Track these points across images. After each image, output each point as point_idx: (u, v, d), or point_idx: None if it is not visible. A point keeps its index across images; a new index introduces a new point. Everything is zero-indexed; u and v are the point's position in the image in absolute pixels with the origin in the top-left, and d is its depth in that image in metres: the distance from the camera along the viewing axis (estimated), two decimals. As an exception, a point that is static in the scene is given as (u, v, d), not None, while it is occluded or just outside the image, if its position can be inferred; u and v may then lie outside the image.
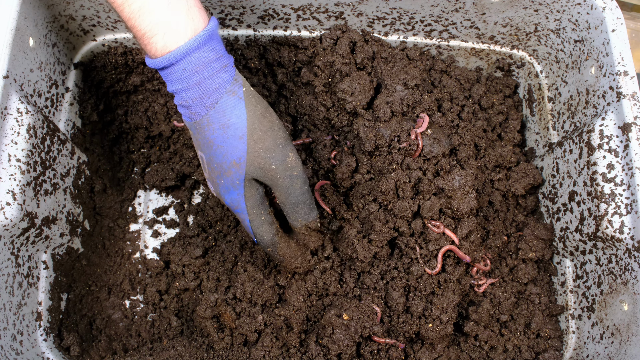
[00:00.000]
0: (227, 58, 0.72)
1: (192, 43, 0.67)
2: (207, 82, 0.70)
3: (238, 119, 0.72)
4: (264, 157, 0.74)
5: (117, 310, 0.98)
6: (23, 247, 0.82)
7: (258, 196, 0.79)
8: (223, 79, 0.71)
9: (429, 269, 0.87)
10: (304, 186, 0.78)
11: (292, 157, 0.76)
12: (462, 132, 0.99)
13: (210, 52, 0.69)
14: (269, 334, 0.87)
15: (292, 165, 0.76)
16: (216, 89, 0.71)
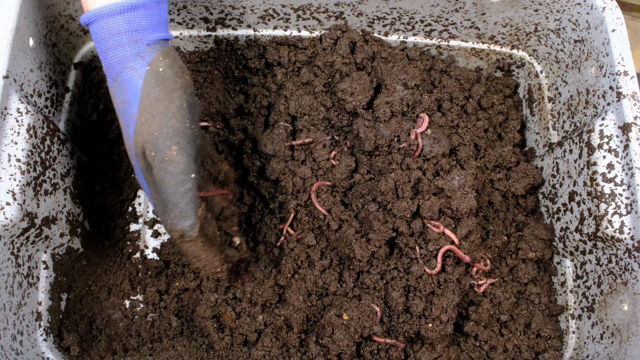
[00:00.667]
0: (144, 33, 0.70)
1: (105, 9, 0.67)
2: (110, 52, 0.69)
3: (132, 97, 0.70)
4: (147, 141, 0.70)
5: (117, 310, 0.97)
6: (23, 247, 0.82)
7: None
8: (126, 54, 0.69)
9: (429, 269, 0.87)
10: (179, 187, 0.70)
11: (174, 151, 0.69)
12: (462, 132, 0.99)
13: (123, 23, 0.68)
14: (269, 334, 0.87)
15: (172, 159, 0.69)
16: (118, 62, 0.69)
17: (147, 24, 0.70)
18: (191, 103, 0.73)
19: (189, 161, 0.70)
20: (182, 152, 0.69)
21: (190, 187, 0.70)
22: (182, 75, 0.73)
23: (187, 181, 0.70)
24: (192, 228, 0.70)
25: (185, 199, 0.70)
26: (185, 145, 0.70)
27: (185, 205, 0.70)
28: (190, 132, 0.71)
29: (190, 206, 0.70)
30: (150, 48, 0.70)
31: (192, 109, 0.73)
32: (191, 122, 0.72)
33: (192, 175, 0.70)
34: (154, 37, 0.71)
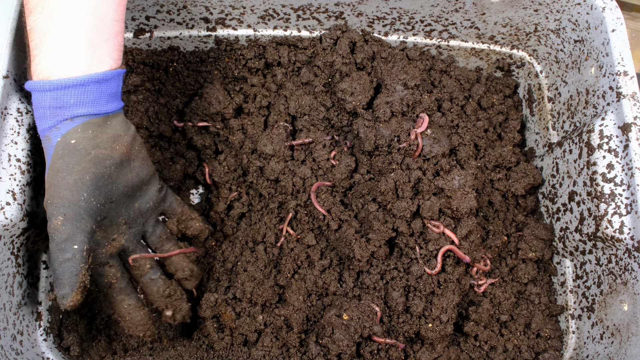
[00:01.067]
0: (69, 109, 0.73)
1: (37, 85, 0.73)
2: (37, 121, 0.75)
3: (47, 157, 0.75)
4: (45, 206, 0.74)
5: (117, 310, 0.97)
6: (23, 247, 0.82)
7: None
8: (46, 124, 0.75)
9: (429, 269, 0.87)
10: (59, 255, 0.72)
11: (59, 221, 0.72)
12: (462, 132, 0.99)
13: (50, 100, 0.73)
14: (269, 334, 0.87)
15: (56, 228, 0.72)
16: (41, 131, 0.75)
17: (75, 101, 0.74)
18: (100, 175, 0.75)
19: (75, 233, 0.72)
20: (68, 223, 0.72)
21: (70, 257, 0.72)
22: (106, 147, 0.76)
23: (67, 250, 0.72)
24: (65, 297, 0.72)
25: (63, 267, 0.72)
26: (72, 217, 0.72)
27: (61, 274, 0.72)
28: (85, 205, 0.73)
29: (66, 275, 0.72)
30: (70, 121, 0.74)
31: (100, 180, 0.75)
32: (92, 194, 0.74)
33: (74, 247, 0.72)
34: (79, 112, 0.74)
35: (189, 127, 1.07)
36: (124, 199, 0.80)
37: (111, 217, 0.79)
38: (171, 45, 1.05)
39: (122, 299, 0.82)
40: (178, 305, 0.88)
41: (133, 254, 0.84)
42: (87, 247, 0.73)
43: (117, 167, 0.77)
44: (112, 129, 0.77)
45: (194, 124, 1.06)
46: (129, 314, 0.83)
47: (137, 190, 0.83)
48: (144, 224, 0.86)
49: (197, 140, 1.06)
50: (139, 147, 0.82)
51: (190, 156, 1.08)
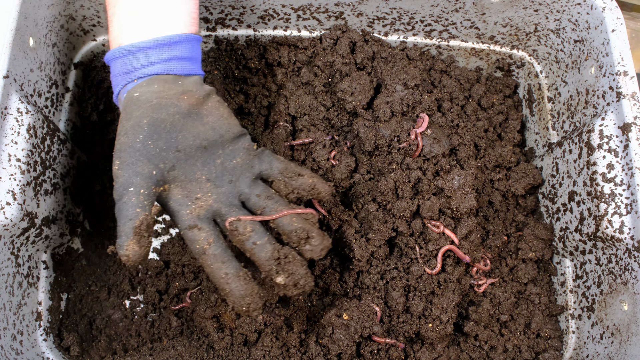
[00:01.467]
0: (137, 73, 0.75)
1: (108, 55, 0.77)
2: (114, 90, 0.79)
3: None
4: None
5: (117, 310, 0.97)
6: (23, 247, 0.82)
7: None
8: (117, 90, 0.78)
9: (429, 269, 0.87)
10: (118, 201, 0.69)
11: (116, 166, 0.71)
12: (462, 132, 0.99)
13: (120, 66, 0.76)
14: (269, 334, 0.87)
15: (115, 174, 0.71)
16: (115, 98, 0.79)
17: (143, 64, 0.76)
18: (161, 120, 0.73)
19: (130, 176, 0.70)
20: (124, 166, 0.70)
21: (126, 200, 0.69)
22: (171, 97, 0.75)
23: (123, 194, 0.69)
24: (121, 246, 0.67)
25: (120, 213, 0.69)
26: (128, 160, 0.70)
27: (119, 221, 0.69)
28: (141, 148, 0.71)
29: (122, 221, 0.68)
30: (137, 81, 0.76)
31: (159, 125, 0.73)
32: (149, 138, 0.72)
33: (130, 189, 0.69)
34: (146, 72, 0.76)
35: (189, 127, 1.07)
36: (196, 152, 0.76)
37: (185, 171, 0.75)
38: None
39: (218, 267, 0.73)
40: (292, 269, 0.73)
41: (228, 217, 0.76)
42: (144, 191, 0.69)
43: (184, 116, 0.75)
44: (182, 87, 0.77)
45: (194, 124, 1.06)
46: (227, 284, 0.72)
47: (216, 145, 0.78)
48: (234, 184, 0.79)
49: (197, 140, 1.06)
50: (216, 105, 0.79)
51: (190, 156, 1.08)
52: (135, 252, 0.67)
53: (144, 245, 0.68)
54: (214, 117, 0.78)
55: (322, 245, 0.77)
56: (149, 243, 0.69)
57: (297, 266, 0.74)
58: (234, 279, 0.73)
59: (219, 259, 0.73)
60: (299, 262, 0.75)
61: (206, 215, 0.75)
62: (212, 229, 0.75)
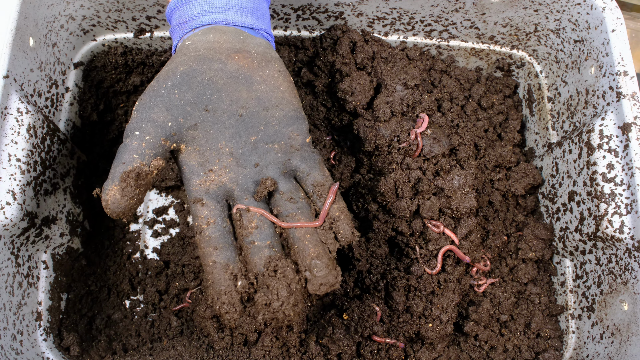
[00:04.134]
0: (193, 22, 0.72)
1: (173, 3, 0.74)
2: (174, 43, 0.76)
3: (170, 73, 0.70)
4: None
5: (117, 310, 0.97)
6: (23, 247, 0.82)
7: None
8: (175, 42, 0.76)
9: (429, 269, 0.87)
10: (122, 143, 0.65)
11: (135, 107, 0.67)
12: (462, 132, 0.99)
13: (178, 18, 0.73)
14: (269, 333, 0.87)
15: (132, 114, 0.67)
16: (173, 50, 0.77)
17: (199, 11, 0.71)
18: (199, 72, 0.68)
19: (141, 120, 0.65)
20: (140, 108, 0.65)
21: (127, 143, 0.64)
22: (222, 52, 0.69)
23: (127, 136, 0.64)
24: (104, 189, 0.61)
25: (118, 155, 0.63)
26: (146, 103, 0.66)
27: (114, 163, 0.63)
28: (165, 94, 0.67)
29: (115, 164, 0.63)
30: (196, 30, 0.73)
31: (196, 78, 0.68)
32: (177, 87, 0.67)
33: (135, 133, 0.64)
34: (203, 20, 0.72)
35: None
36: (229, 119, 0.68)
37: (207, 135, 0.67)
38: (171, 45, 1.05)
39: (209, 252, 0.64)
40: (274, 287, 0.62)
41: (239, 203, 0.67)
42: (150, 139, 0.63)
43: (229, 76, 0.68)
44: (241, 44, 0.69)
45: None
46: (211, 274, 0.63)
47: (256, 119, 0.68)
48: (260, 170, 0.69)
49: (197, 140, 1.06)
50: (276, 75, 0.70)
51: (190, 156, 1.08)
52: (115, 200, 0.59)
53: (128, 196, 0.59)
54: (266, 87, 0.69)
55: (324, 281, 0.63)
56: (135, 196, 0.60)
57: (281, 287, 0.62)
58: (221, 271, 0.63)
59: (213, 244, 0.64)
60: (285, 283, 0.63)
61: (216, 192, 0.67)
62: (218, 208, 0.66)
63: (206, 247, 0.64)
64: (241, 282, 0.63)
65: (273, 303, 0.62)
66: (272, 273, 0.63)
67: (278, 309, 0.62)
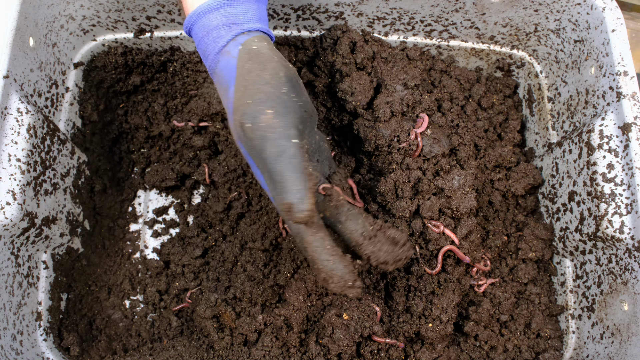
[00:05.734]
0: (241, 25, 0.71)
1: (203, 7, 0.70)
2: (210, 46, 0.72)
3: (230, 80, 0.70)
4: (243, 114, 0.66)
5: (117, 310, 0.98)
6: (23, 247, 0.82)
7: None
8: (222, 42, 0.71)
9: (429, 269, 0.87)
10: (281, 155, 0.64)
11: (269, 115, 0.64)
12: (462, 132, 0.99)
13: (221, 17, 0.70)
14: (269, 333, 0.87)
15: (268, 124, 0.64)
16: (216, 53, 0.71)
17: (244, 18, 0.71)
18: (290, 76, 0.69)
19: (288, 126, 0.65)
20: (278, 116, 0.64)
21: (294, 153, 0.63)
22: (281, 57, 0.71)
23: (289, 147, 0.64)
24: (302, 200, 0.61)
25: (290, 167, 0.63)
26: (282, 110, 0.65)
27: (291, 174, 0.62)
28: (287, 99, 0.66)
29: (297, 175, 0.62)
30: (246, 34, 0.71)
31: (292, 81, 0.69)
32: (290, 90, 0.67)
33: (293, 140, 0.64)
34: (252, 26, 0.71)
35: (189, 127, 1.07)
36: (309, 119, 0.72)
37: (307, 134, 0.72)
38: (171, 45, 1.05)
39: (320, 237, 0.69)
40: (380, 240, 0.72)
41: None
42: (300, 144, 0.64)
43: (297, 81, 0.71)
44: (280, 52, 0.74)
45: (194, 124, 1.06)
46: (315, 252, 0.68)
47: (313, 121, 0.74)
48: (319, 166, 0.78)
49: (196, 140, 1.06)
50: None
51: (190, 156, 1.08)
52: (312, 206, 0.62)
53: (314, 200, 0.64)
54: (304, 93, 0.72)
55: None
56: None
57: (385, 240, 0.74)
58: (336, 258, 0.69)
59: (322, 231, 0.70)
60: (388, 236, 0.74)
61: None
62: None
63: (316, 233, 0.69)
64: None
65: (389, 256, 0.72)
66: (377, 229, 0.73)
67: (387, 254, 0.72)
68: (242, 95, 0.67)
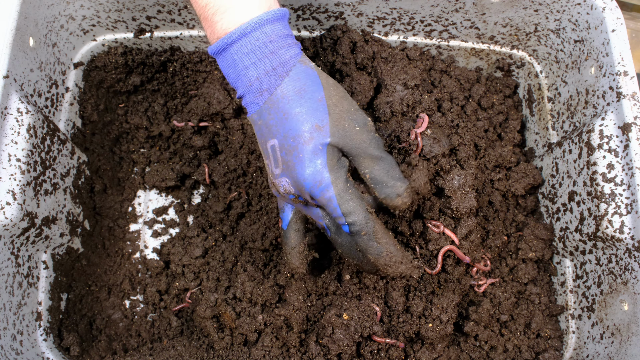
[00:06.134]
0: (294, 39, 0.73)
1: (269, 14, 0.69)
2: (280, 52, 0.70)
3: (313, 84, 0.71)
4: (347, 118, 0.71)
5: (117, 310, 0.98)
6: (23, 247, 0.82)
7: (341, 167, 0.72)
8: (295, 50, 0.72)
9: (429, 269, 0.87)
10: (386, 149, 0.75)
11: (371, 121, 0.74)
12: (462, 132, 0.99)
13: (283, 28, 0.71)
14: (269, 333, 0.87)
15: (373, 126, 0.74)
16: (289, 58, 0.71)
17: (289, 33, 0.73)
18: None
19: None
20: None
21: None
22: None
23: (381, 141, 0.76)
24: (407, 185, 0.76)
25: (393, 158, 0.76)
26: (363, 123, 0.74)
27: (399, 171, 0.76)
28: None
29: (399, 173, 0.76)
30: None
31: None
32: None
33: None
34: (295, 43, 0.74)
35: (189, 127, 1.07)
36: None
37: None
38: (171, 45, 1.05)
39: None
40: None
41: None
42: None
43: None
44: None
45: (194, 124, 1.06)
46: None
47: None
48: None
49: (196, 140, 1.06)
50: None
51: (190, 156, 1.08)
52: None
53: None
54: None
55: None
56: None
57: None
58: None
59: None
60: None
61: None
62: None
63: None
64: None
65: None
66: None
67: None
68: (340, 103, 0.72)
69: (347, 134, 0.72)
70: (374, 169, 0.74)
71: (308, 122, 0.70)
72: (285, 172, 0.72)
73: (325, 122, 0.70)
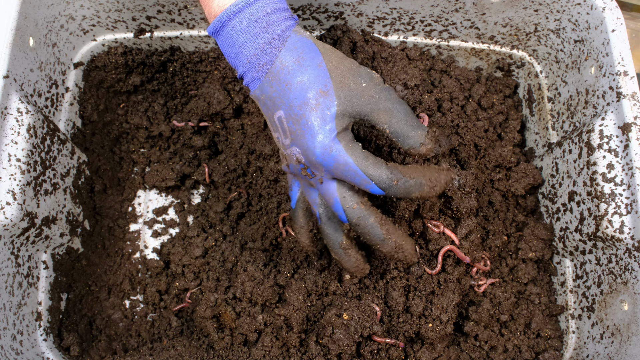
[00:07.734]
0: (290, 12, 0.72)
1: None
2: (275, 24, 0.70)
3: (311, 51, 0.70)
4: (350, 77, 0.69)
5: (117, 310, 0.98)
6: (23, 247, 0.82)
7: (350, 135, 0.71)
8: (290, 22, 0.71)
9: (429, 269, 0.87)
10: (399, 97, 0.72)
11: (376, 74, 0.71)
12: (462, 132, 0.99)
13: (278, 2, 0.70)
14: (269, 333, 0.87)
15: (380, 79, 0.71)
16: (285, 30, 0.70)
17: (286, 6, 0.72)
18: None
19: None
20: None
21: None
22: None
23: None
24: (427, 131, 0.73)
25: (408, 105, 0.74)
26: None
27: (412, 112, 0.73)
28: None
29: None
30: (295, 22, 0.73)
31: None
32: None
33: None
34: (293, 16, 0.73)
35: (189, 127, 1.07)
36: None
37: None
38: (171, 45, 1.05)
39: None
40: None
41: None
42: None
43: None
44: None
45: (194, 124, 1.06)
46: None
47: None
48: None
49: (196, 140, 1.06)
50: None
51: (190, 156, 1.08)
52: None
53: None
54: None
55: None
56: None
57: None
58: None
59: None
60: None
61: None
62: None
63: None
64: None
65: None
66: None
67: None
68: (340, 64, 0.70)
69: (353, 93, 0.70)
70: (391, 123, 0.71)
71: (312, 89, 0.69)
72: (294, 142, 0.71)
73: (329, 86, 0.69)
